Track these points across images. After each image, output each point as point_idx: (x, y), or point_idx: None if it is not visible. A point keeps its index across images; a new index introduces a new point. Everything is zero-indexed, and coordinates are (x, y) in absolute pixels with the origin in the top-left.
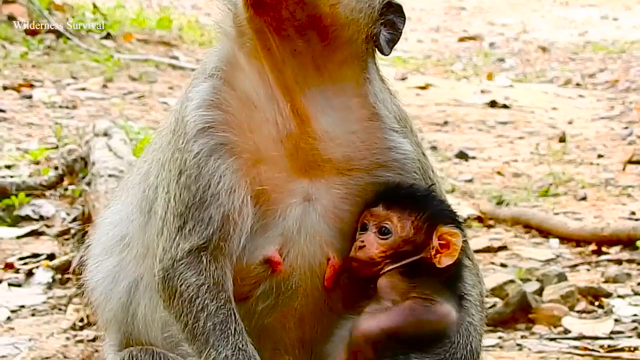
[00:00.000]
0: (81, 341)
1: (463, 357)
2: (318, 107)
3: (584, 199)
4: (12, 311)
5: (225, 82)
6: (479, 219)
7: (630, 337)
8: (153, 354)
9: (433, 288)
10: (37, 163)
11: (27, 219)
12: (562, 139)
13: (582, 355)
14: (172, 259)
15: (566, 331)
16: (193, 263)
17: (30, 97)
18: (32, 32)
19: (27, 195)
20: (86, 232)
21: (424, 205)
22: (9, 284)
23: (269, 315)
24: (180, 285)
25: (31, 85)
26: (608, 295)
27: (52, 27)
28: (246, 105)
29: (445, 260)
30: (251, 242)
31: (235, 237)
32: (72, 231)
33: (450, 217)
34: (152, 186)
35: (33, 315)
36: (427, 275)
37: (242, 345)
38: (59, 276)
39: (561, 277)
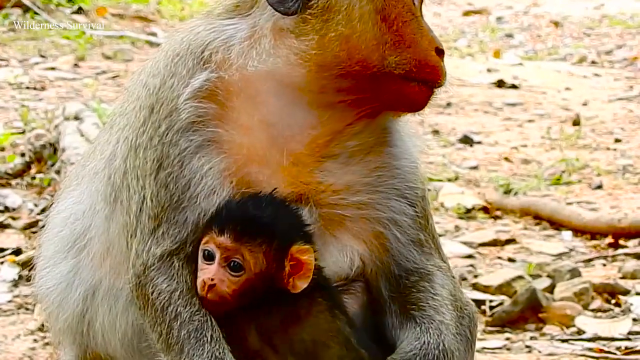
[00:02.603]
0: (49, 344)
1: (435, 357)
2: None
3: (599, 187)
4: None
5: (234, 75)
6: (485, 209)
7: None
8: None
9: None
10: (2, 149)
11: None
12: (576, 122)
13: (597, 358)
14: (144, 265)
15: (580, 332)
16: (164, 268)
17: None
18: None
19: None
20: None
21: (273, 229)
22: None
23: None
24: (152, 293)
25: None
26: (626, 292)
27: (19, 0)
28: (252, 103)
29: (300, 284)
30: None
31: None
32: (40, 224)
33: (302, 233)
34: (118, 170)
35: None
36: (281, 304)
37: (219, 354)
38: (25, 272)
39: (574, 273)
